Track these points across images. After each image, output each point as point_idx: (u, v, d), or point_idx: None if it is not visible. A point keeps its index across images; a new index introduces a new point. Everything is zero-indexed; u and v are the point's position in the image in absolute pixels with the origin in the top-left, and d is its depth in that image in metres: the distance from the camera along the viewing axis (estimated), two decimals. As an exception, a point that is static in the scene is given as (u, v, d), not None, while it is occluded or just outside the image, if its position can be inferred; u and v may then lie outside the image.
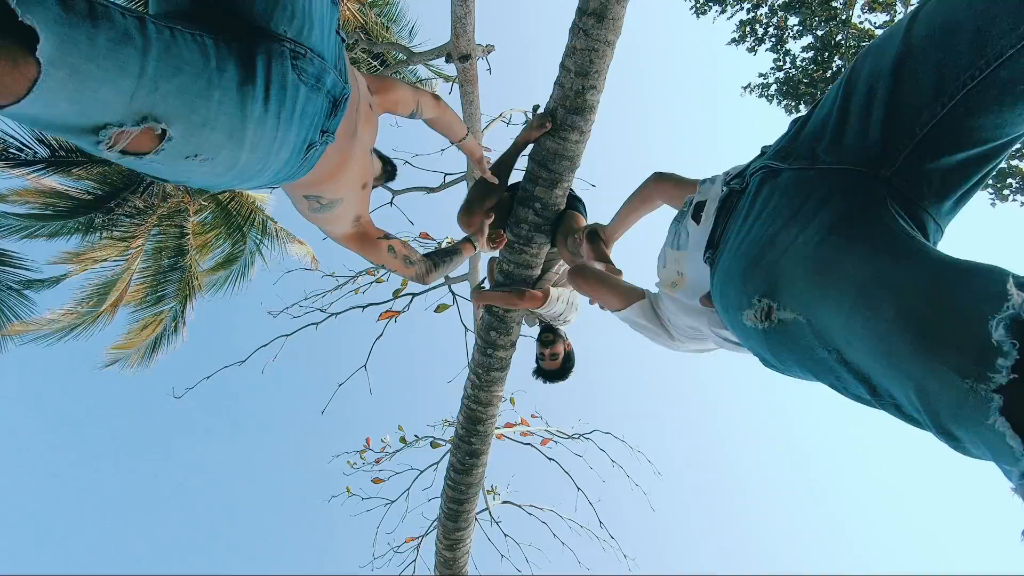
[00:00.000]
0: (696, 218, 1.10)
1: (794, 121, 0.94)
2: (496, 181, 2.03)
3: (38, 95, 0.58)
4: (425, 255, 1.63)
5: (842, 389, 0.70)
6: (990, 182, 5.73)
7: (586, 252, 1.83)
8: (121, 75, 0.63)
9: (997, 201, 5.76)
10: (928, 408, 0.54)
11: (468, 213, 2.11)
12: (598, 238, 1.83)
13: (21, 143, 5.45)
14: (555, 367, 2.32)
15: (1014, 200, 5.70)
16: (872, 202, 0.72)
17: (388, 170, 1.66)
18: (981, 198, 5.83)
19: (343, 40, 1.03)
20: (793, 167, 0.85)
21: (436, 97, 1.54)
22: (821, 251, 0.70)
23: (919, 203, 0.74)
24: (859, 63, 0.82)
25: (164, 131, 0.72)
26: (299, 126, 0.90)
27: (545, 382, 2.40)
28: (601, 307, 1.74)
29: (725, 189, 1.00)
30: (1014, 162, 5.65)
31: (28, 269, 5.69)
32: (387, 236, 1.48)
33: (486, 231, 1.98)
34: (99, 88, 0.62)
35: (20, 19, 0.54)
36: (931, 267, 0.59)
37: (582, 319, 2.37)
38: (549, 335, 2.33)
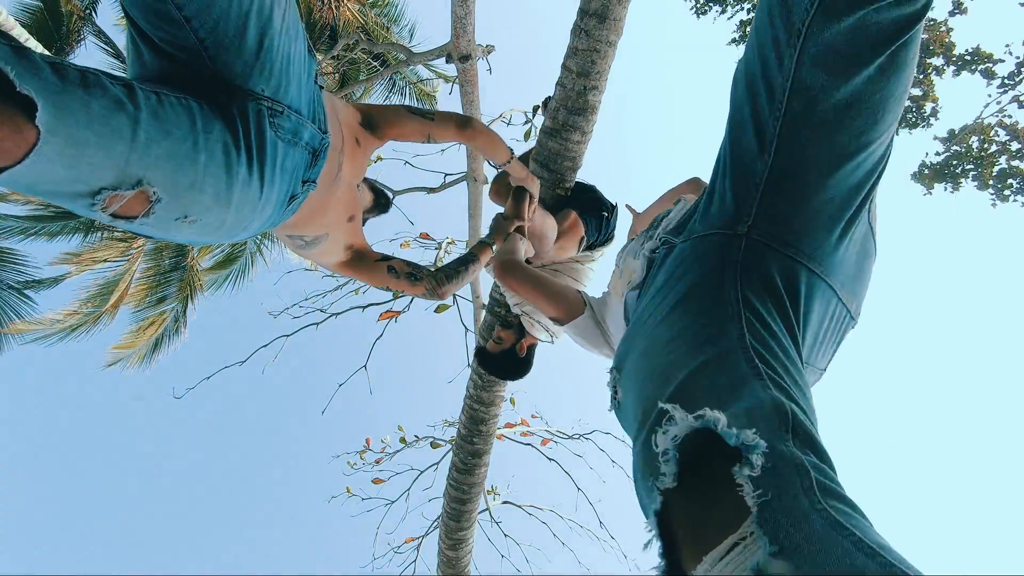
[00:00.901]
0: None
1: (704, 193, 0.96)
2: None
3: (35, 160, 0.59)
4: (437, 269, 1.49)
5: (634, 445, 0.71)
6: (991, 182, 5.73)
7: (508, 207, 1.63)
8: (115, 140, 0.65)
9: (998, 202, 5.76)
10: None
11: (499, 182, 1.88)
12: (525, 195, 1.62)
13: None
14: (494, 351, 1.96)
15: (1015, 200, 5.70)
16: (719, 272, 0.74)
17: (381, 203, 1.60)
18: (982, 199, 5.83)
19: (321, 88, 1.03)
20: (681, 241, 0.89)
21: (461, 127, 1.39)
22: (653, 334, 0.74)
23: (787, 252, 0.74)
24: (720, 148, 0.86)
25: (155, 194, 0.73)
26: (281, 181, 0.90)
27: (479, 364, 2.07)
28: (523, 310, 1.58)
29: (647, 256, 0.99)
30: (1015, 162, 5.65)
31: (30, 267, 5.70)
32: (386, 258, 1.40)
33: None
34: (95, 154, 0.64)
35: (18, 89, 0.56)
36: (680, 366, 0.64)
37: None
38: (511, 316, 2.04)
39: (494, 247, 1.55)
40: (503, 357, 1.93)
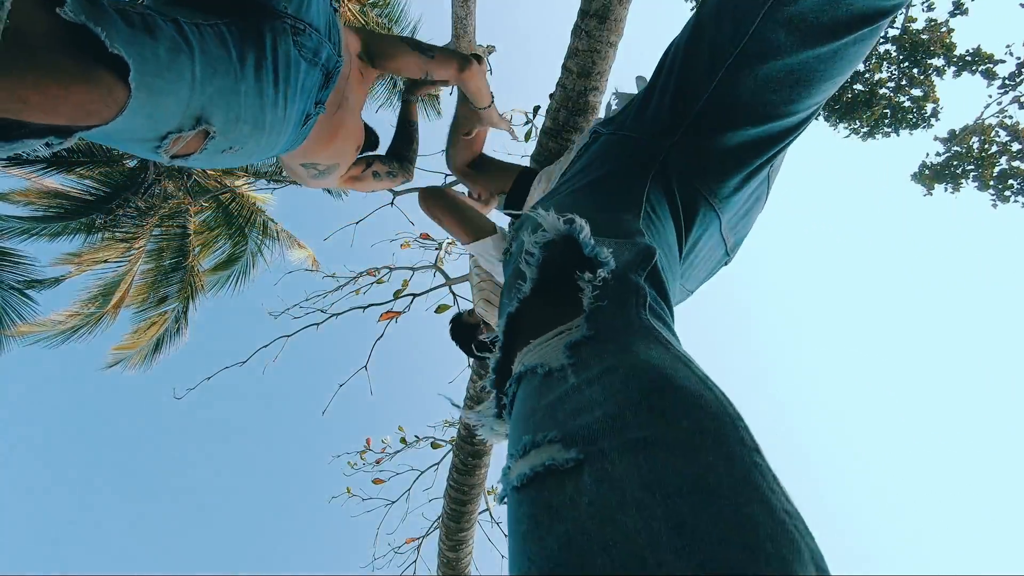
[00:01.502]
0: None
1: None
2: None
3: (122, 117, 0.60)
4: (395, 157, 1.54)
5: None
6: (991, 183, 5.72)
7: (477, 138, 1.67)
8: (180, 84, 0.67)
9: (998, 202, 5.75)
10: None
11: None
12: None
13: (23, 144, 5.46)
14: (467, 322, 1.89)
15: (1015, 201, 5.69)
16: (634, 170, 0.79)
17: (371, 140, 1.60)
18: (982, 199, 5.83)
19: (335, 9, 1.04)
20: (606, 132, 0.93)
21: (461, 67, 1.40)
22: (561, 201, 0.78)
23: (695, 180, 0.79)
24: (673, 41, 0.89)
25: (213, 131, 0.76)
26: (300, 101, 0.92)
27: (450, 328, 1.96)
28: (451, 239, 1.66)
29: (586, 139, 1.04)
30: (1015, 163, 5.65)
31: (31, 268, 5.70)
32: (368, 164, 1.45)
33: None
34: (166, 101, 0.66)
35: (109, 50, 0.55)
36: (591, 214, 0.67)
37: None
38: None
39: (415, 99, 1.59)
40: (465, 329, 1.90)
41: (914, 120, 6.09)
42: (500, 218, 1.87)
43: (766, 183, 0.91)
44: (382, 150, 1.61)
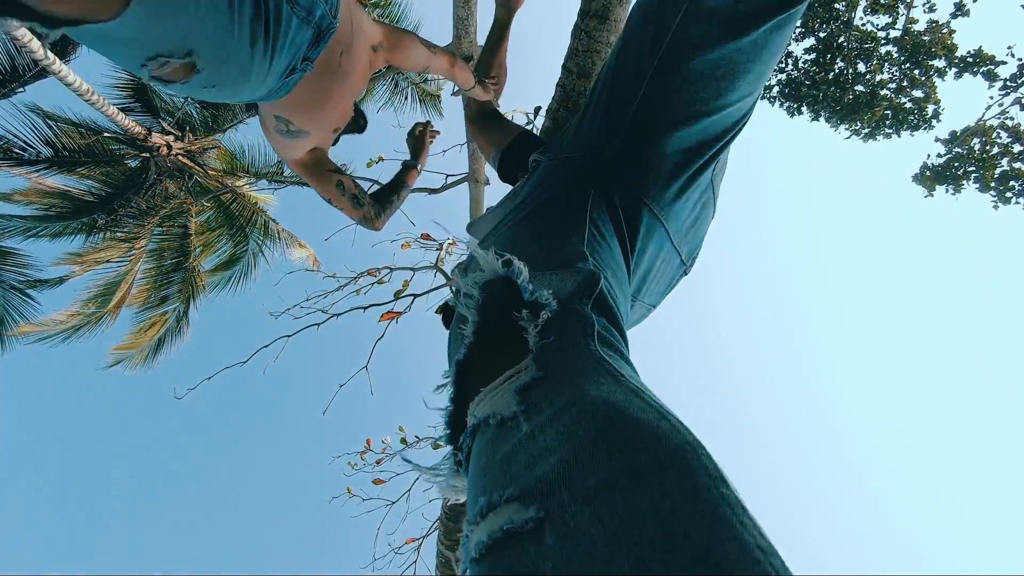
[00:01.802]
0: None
1: None
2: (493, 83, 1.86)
3: (122, 20, 0.65)
4: (372, 195, 1.55)
5: None
6: (992, 184, 5.71)
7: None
8: (182, 14, 0.71)
9: (1000, 204, 5.74)
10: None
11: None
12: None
13: (25, 143, 5.47)
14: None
15: (1016, 203, 5.68)
16: (574, 191, 0.79)
17: (360, 123, 1.61)
18: (983, 201, 5.82)
19: None
20: (545, 159, 0.94)
21: (452, 62, 1.55)
22: (503, 235, 0.79)
23: (635, 189, 0.79)
24: (603, 64, 0.90)
25: (200, 66, 0.79)
26: (286, 54, 0.94)
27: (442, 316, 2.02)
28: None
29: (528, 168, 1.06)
30: (1016, 164, 5.64)
31: (33, 268, 5.72)
32: (338, 170, 1.44)
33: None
34: (166, 24, 0.70)
35: None
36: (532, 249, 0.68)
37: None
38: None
39: (419, 167, 1.70)
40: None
41: (915, 121, 6.08)
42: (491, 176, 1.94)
43: (711, 189, 0.91)
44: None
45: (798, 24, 6.66)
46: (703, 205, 0.90)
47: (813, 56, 6.20)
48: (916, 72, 5.93)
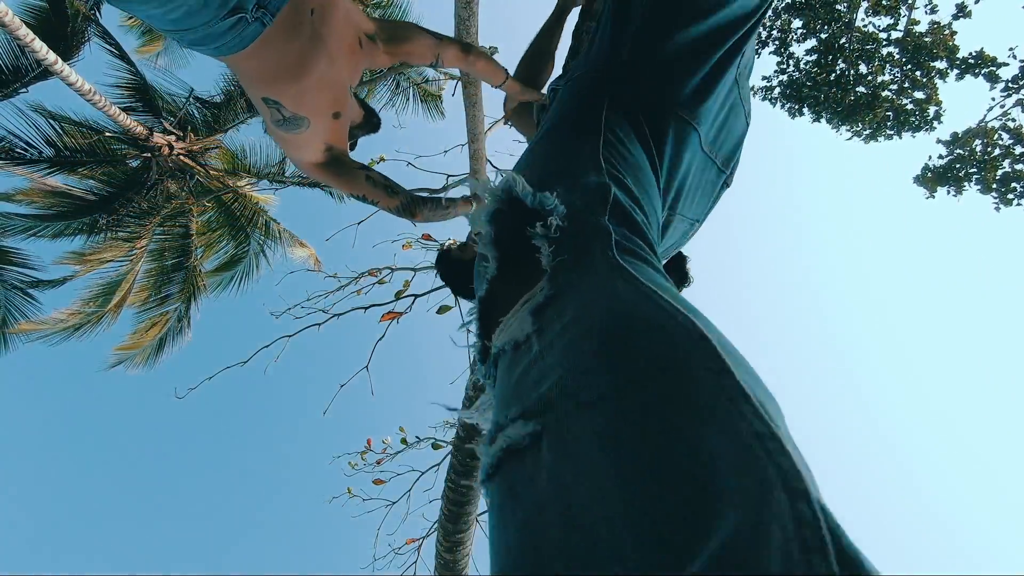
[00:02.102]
0: None
1: None
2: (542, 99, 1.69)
3: None
4: (411, 192, 1.48)
5: None
6: (994, 186, 5.70)
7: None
8: None
9: (1001, 206, 5.73)
10: None
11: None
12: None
13: (27, 142, 5.48)
14: (456, 256, 1.57)
15: (1018, 204, 5.67)
16: (587, 102, 0.77)
17: (372, 121, 1.53)
18: (985, 202, 5.81)
19: None
20: (561, 84, 0.92)
21: (465, 51, 1.42)
22: (517, 163, 0.77)
23: (655, 95, 0.77)
24: None
25: None
26: None
27: (437, 265, 1.68)
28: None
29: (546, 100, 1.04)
30: (1018, 166, 5.63)
31: (34, 268, 5.73)
32: (364, 167, 1.36)
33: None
34: None
35: None
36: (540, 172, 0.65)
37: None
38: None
39: (475, 205, 1.56)
40: (457, 268, 1.60)
41: (917, 123, 6.08)
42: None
43: (736, 90, 0.87)
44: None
45: (799, 25, 6.61)
46: (731, 108, 0.86)
47: (814, 57, 6.20)
48: (918, 73, 5.92)
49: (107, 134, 5.97)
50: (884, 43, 6.00)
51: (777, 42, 6.44)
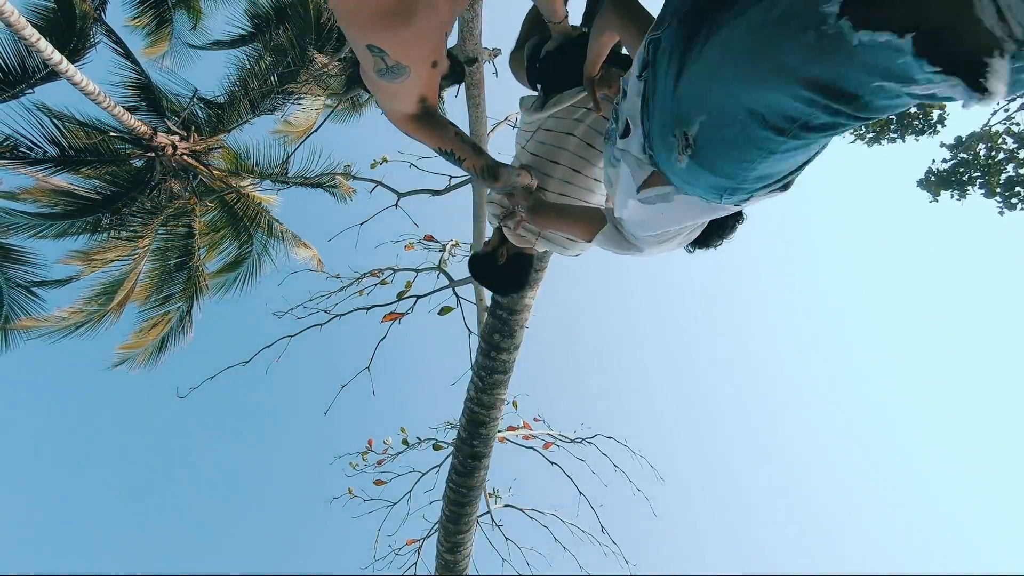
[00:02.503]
0: (625, 133, 1.08)
1: None
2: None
3: None
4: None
5: (763, 151, 0.74)
6: (998, 190, 5.69)
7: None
8: None
9: (1005, 210, 5.72)
10: (811, 86, 0.58)
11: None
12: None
13: (31, 142, 5.51)
14: (482, 253, 1.78)
15: (1022, 209, 5.66)
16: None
17: (458, 71, 1.49)
18: (988, 206, 5.80)
19: None
20: (665, 30, 0.90)
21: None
22: (701, 63, 0.76)
23: None
24: None
25: None
26: None
27: (470, 267, 1.86)
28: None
29: (640, 83, 0.99)
30: (1022, 170, 5.62)
31: (40, 266, 5.75)
32: (452, 123, 1.35)
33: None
34: None
35: None
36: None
37: (580, 319, 2.24)
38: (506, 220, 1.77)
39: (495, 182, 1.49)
40: (483, 260, 1.77)
41: (920, 126, 6.07)
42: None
43: None
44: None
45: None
46: None
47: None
48: (921, 77, 5.91)
49: (111, 134, 6.00)
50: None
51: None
